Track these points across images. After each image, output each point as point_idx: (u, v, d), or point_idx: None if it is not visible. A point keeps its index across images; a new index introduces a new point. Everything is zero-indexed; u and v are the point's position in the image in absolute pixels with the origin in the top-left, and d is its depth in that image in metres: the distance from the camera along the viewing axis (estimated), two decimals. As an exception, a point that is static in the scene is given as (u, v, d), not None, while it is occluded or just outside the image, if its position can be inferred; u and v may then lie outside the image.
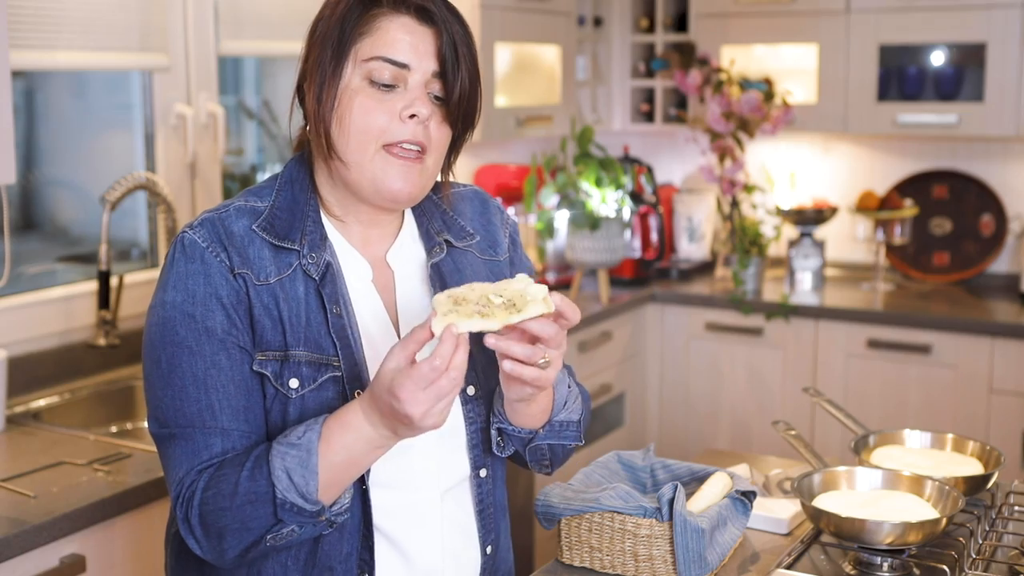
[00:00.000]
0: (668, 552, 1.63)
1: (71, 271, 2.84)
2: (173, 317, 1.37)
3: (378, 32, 1.38)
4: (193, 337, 1.36)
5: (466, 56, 1.40)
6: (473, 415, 1.49)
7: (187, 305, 1.37)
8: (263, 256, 1.40)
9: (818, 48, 3.90)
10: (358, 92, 1.38)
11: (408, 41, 1.38)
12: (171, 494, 1.37)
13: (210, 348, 1.36)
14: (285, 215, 1.43)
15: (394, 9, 1.39)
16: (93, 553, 1.94)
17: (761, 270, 3.91)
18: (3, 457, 2.15)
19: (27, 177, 2.82)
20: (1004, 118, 3.64)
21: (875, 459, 1.95)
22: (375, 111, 1.38)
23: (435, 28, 1.39)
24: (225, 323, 1.37)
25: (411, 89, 1.39)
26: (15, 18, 2.44)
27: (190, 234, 1.40)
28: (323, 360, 1.39)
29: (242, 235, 1.40)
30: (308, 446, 1.30)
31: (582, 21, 4.10)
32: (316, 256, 1.41)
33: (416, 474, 1.45)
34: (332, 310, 1.40)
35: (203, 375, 1.36)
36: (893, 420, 3.52)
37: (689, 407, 3.95)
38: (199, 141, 2.92)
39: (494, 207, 1.64)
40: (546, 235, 3.71)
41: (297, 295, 1.40)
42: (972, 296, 3.82)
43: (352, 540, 1.41)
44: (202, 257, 1.38)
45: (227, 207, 1.44)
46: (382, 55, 1.37)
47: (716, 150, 3.90)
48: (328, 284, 1.41)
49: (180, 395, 1.36)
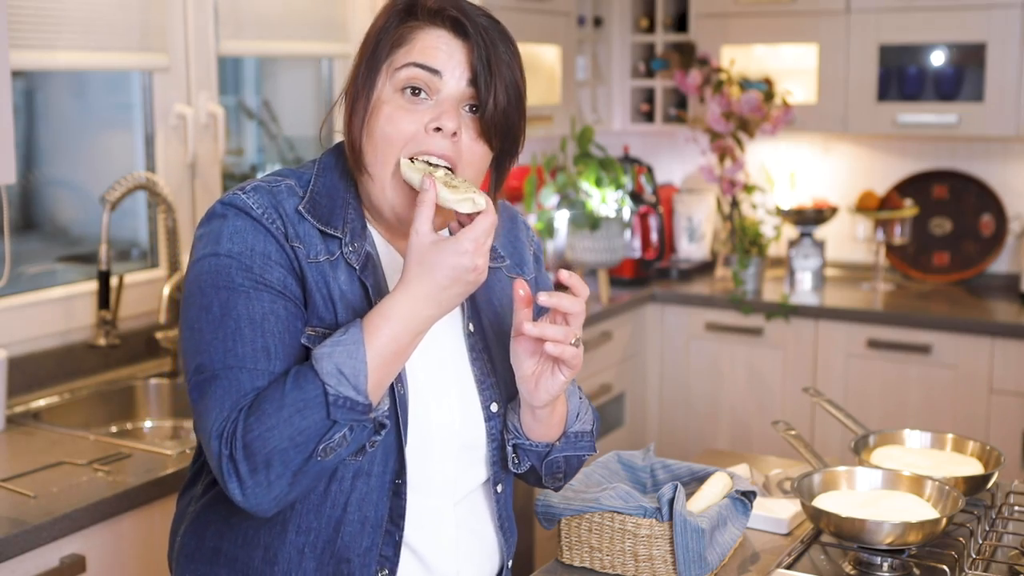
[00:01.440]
0: (668, 552, 1.63)
1: (71, 271, 2.84)
2: (229, 265, 1.34)
3: (413, 42, 1.37)
4: (251, 284, 1.33)
5: (505, 72, 1.38)
6: (495, 432, 1.49)
7: (244, 257, 1.34)
8: (312, 234, 1.38)
9: (818, 48, 3.90)
10: (387, 102, 1.37)
11: (442, 50, 1.36)
12: (210, 438, 1.29)
13: (269, 296, 1.34)
14: (325, 201, 1.42)
15: (430, 22, 1.38)
16: (93, 553, 1.94)
17: (761, 270, 3.91)
18: (3, 457, 2.15)
19: (27, 177, 2.82)
20: (1004, 118, 3.64)
21: (875, 459, 1.95)
22: (402, 120, 1.36)
23: (470, 41, 1.37)
24: (282, 278, 1.35)
25: (441, 101, 1.36)
26: (15, 18, 2.44)
27: (243, 197, 1.37)
28: None
29: (291, 212, 1.39)
30: (354, 339, 1.28)
31: (582, 21, 4.10)
32: (357, 245, 1.40)
33: (433, 481, 1.44)
34: (375, 300, 1.39)
35: (260, 319, 1.33)
36: (893, 420, 3.52)
37: (689, 407, 3.95)
38: (199, 141, 2.92)
39: (522, 224, 1.64)
40: (546, 235, 3.71)
41: (341, 281, 1.39)
42: (972, 296, 3.82)
43: (374, 534, 1.40)
44: (260, 219, 1.36)
45: (279, 182, 1.41)
46: (414, 61, 1.36)
47: (716, 150, 3.90)
48: (369, 274, 1.40)
49: (235, 336, 1.32)
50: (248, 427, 1.27)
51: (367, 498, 1.40)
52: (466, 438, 1.46)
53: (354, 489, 1.39)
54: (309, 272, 1.37)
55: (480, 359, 1.49)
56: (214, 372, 1.31)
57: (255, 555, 1.42)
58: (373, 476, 1.39)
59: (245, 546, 1.43)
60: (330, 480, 1.38)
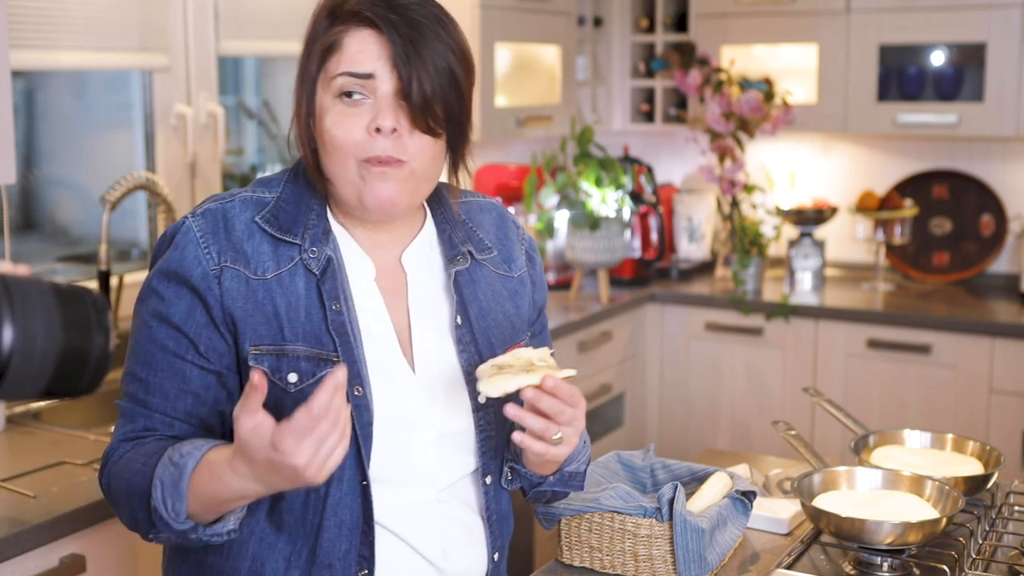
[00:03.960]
0: (668, 552, 1.63)
1: (71, 271, 2.84)
2: (147, 295, 1.43)
3: (342, 48, 1.38)
4: (155, 320, 1.41)
5: (431, 56, 1.37)
6: (483, 423, 1.49)
7: (161, 287, 1.41)
8: (262, 251, 1.41)
9: (818, 48, 3.90)
10: (329, 110, 1.38)
11: (369, 51, 1.37)
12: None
13: (163, 333, 1.40)
14: (291, 208, 1.44)
15: (354, 24, 1.38)
16: (93, 553, 1.94)
17: (761, 270, 3.91)
18: (3, 457, 2.15)
19: (27, 177, 2.82)
20: (1004, 118, 3.64)
21: (875, 459, 1.95)
22: (346, 126, 1.37)
23: (384, 35, 1.37)
24: (184, 313, 1.40)
25: (378, 100, 1.37)
26: (15, 18, 2.44)
27: (190, 222, 1.42)
28: (322, 355, 1.39)
29: (243, 228, 1.42)
30: (182, 470, 1.31)
31: (582, 21, 4.10)
32: (317, 251, 1.42)
33: (415, 471, 1.45)
34: (332, 306, 1.41)
35: (150, 357, 1.41)
36: (893, 420, 3.52)
37: (689, 407, 3.95)
38: (199, 141, 2.92)
39: (511, 222, 1.64)
40: (546, 235, 3.71)
41: (297, 290, 1.41)
42: (972, 296, 3.82)
43: (351, 537, 1.42)
44: (187, 248, 1.40)
45: (234, 197, 1.45)
46: (345, 70, 1.37)
47: (716, 150, 3.90)
48: (328, 280, 1.42)
49: (131, 372, 1.43)
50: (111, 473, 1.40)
51: (342, 502, 1.41)
52: (449, 429, 1.47)
53: (328, 495, 1.40)
54: (250, 294, 1.39)
55: (467, 351, 1.49)
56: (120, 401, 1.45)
57: (242, 566, 1.43)
58: (344, 480, 1.40)
59: (231, 558, 1.44)
60: (308, 487, 1.39)
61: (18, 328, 0.92)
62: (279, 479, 1.25)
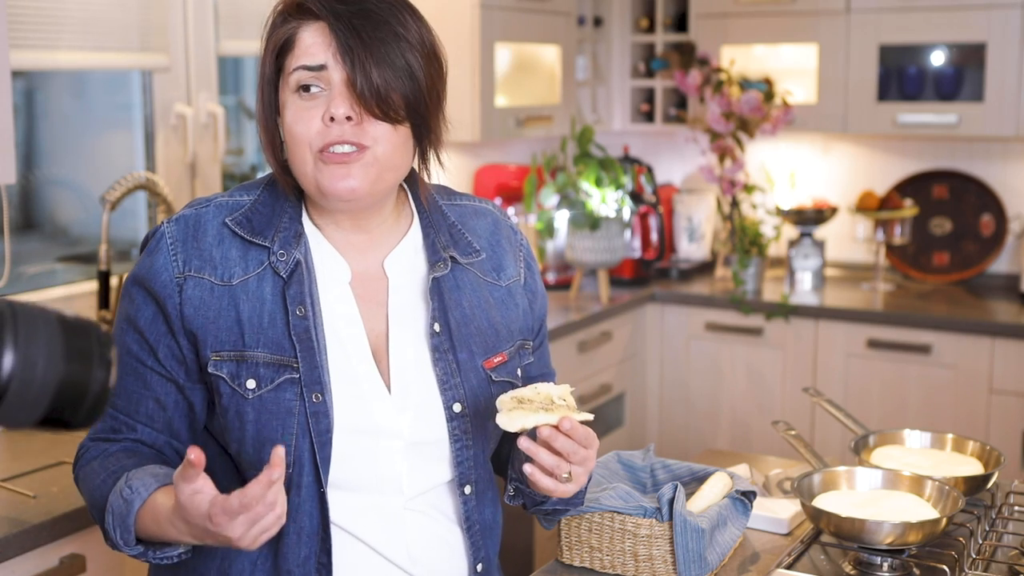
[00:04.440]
0: (668, 552, 1.63)
1: (71, 271, 2.84)
2: (123, 298, 1.46)
3: (296, 43, 1.39)
4: (125, 324, 1.45)
5: (381, 48, 1.35)
6: (459, 432, 1.47)
7: (132, 291, 1.44)
8: (230, 257, 1.42)
9: (818, 48, 3.90)
10: (289, 105, 1.39)
11: (320, 43, 1.37)
12: None
13: (130, 337, 1.44)
14: (266, 210, 1.45)
15: (307, 18, 1.39)
16: (93, 553, 1.94)
17: (761, 270, 3.91)
18: (3, 457, 2.15)
19: (27, 177, 2.82)
20: (1004, 118, 3.64)
21: (875, 459, 1.95)
22: (303, 119, 1.37)
23: (326, 23, 1.37)
24: (148, 319, 1.42)
25: (331, 88, 1.37)
26: (15, 18, 2.44)
27: (164, 228, 1.44)
28: (282, 361, 1.39)
29: (214, 234, 1.43)
30: (130, 506, 1.34)
31: (582, 21, 4.10)
32: (286, 253, 1.42)
33: (381, 479, 1.44)
34: (296, 311, 1.40)
35: (120, 359, 1.43)
36: (893, 420, 3.52)
37: (689, 407, 3.95)
38: (199, 141, 2.92)
39: (507, 228, 1.61)
40: (546, 235, 3.71)
41: (263, 295, 1.41)
42: (972, 296, 3.82)
43: (310, 543, 1.41)
44: (157, 255, 1.42)
45: (209, 202, 1.46)
46: (299, 64, 1.37)
47: (716, 150, 3.90)
48: (294, 284, 1.41)
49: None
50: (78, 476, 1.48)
51: (301, 508, 1.40)
52: (420, 438, 1.45)
53: (288, 501, 1.39)
54: (213, 300, 1.40)
55: (444, 359, 1.47)
56: None
57: (211, 566, 1.44)
58: (303, 487, 1.40)
59: (203, 557, 1.45)
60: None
61: (20, 354, 0.93)
62: (213, 541, 1.28)
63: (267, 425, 1.38)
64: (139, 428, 1.44)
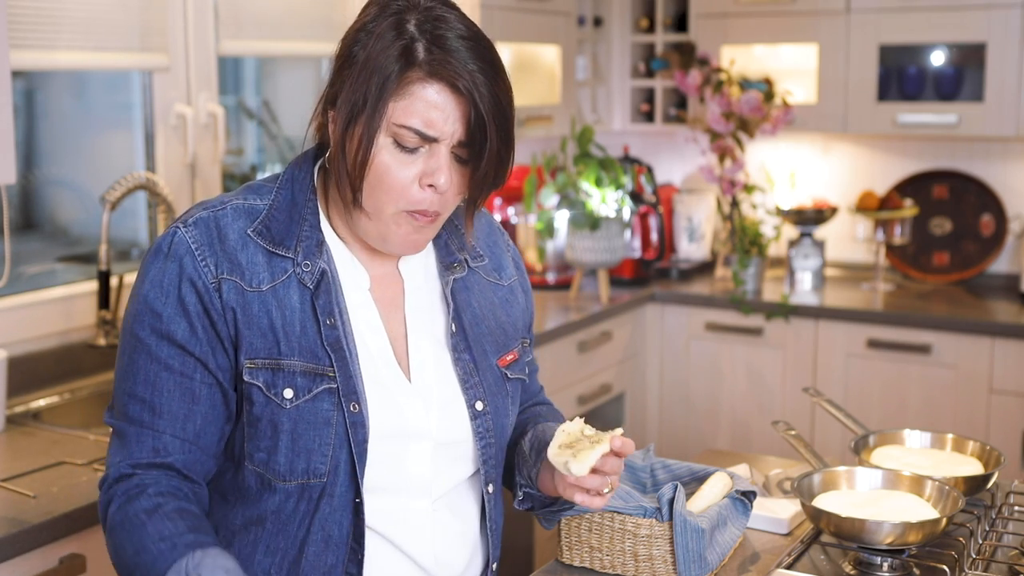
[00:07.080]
0: (668, 552, 1.63)
1: (71, 271, 2.84)
2: (143, 313, 1.37)
3: (411, 98, 1.32)
4: (155, 338, 1.37)
5: (499, 125, 1.35)
6: (482, 430, 1.49)
7: (157, 303, 1.37)
8: (256, 262, 1.39)
9: (818, 48, 3.90)
10: (383, 149, 1.34)
11: (439, 111, 1.33)
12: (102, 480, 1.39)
13: (167, 352, 1.37)
14: (283, 217, 1.41)
15: (429, 75, 1.32)
16: (93, 553, 1.94)
17: (761, 270, 3.91)
18: (3, 457, 2.15)
19: (27, 177, 2.82)
20: (1004, 118, 3.64)
21: (875, 459, 1.95)
22: (397, 174, 1.34)
23: (464, 97, 1.33)
24: (187, 330, 1.36)
25: (435, 154, 1.34)
26: (15, 18, 2.44)
27: (182, 233, 1.38)
28: (318, 371, 1.38)
29: (236, 239, 1.39)
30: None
31: (582, 21, 4.10)
32: (311, 264, 1.40)
33: (410, 481, 1.44)
34: (326, 321, 1.39)
35: (154, 377, 1.37)
36: (893, 420, 3.52)
37: (689, 407, 3.95)
38: (199, 141, 2.92)
39: (498, 230, 1.64)
40: (546, 235, 3.71)
41: (292, 303, 1.39)
42: (972, 296, 3.82)
43: (338, 552, 1.40)
44: (183, 260, 1.37)
45: (224, 205, 1.41)
46: (412, 126, 1.33)
47: (716, 150, 3.90)
48: (323, 294, 1.40)
49: (131, 392, 1.38)
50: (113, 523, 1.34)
51: (331, 517, 1.40)
52: (446, 438, 1.46)
53: (318, 509, 1.39)
54: (246, 306, 1.37)
55: (462, 359, 1.48)
56: (116, 421, 1.40)
57: None
58: (336, 496, 1.39)
59: None
60: (297, 500, 1.39)
61: None
62: None
63: (304, 435, 1.37)
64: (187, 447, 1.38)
